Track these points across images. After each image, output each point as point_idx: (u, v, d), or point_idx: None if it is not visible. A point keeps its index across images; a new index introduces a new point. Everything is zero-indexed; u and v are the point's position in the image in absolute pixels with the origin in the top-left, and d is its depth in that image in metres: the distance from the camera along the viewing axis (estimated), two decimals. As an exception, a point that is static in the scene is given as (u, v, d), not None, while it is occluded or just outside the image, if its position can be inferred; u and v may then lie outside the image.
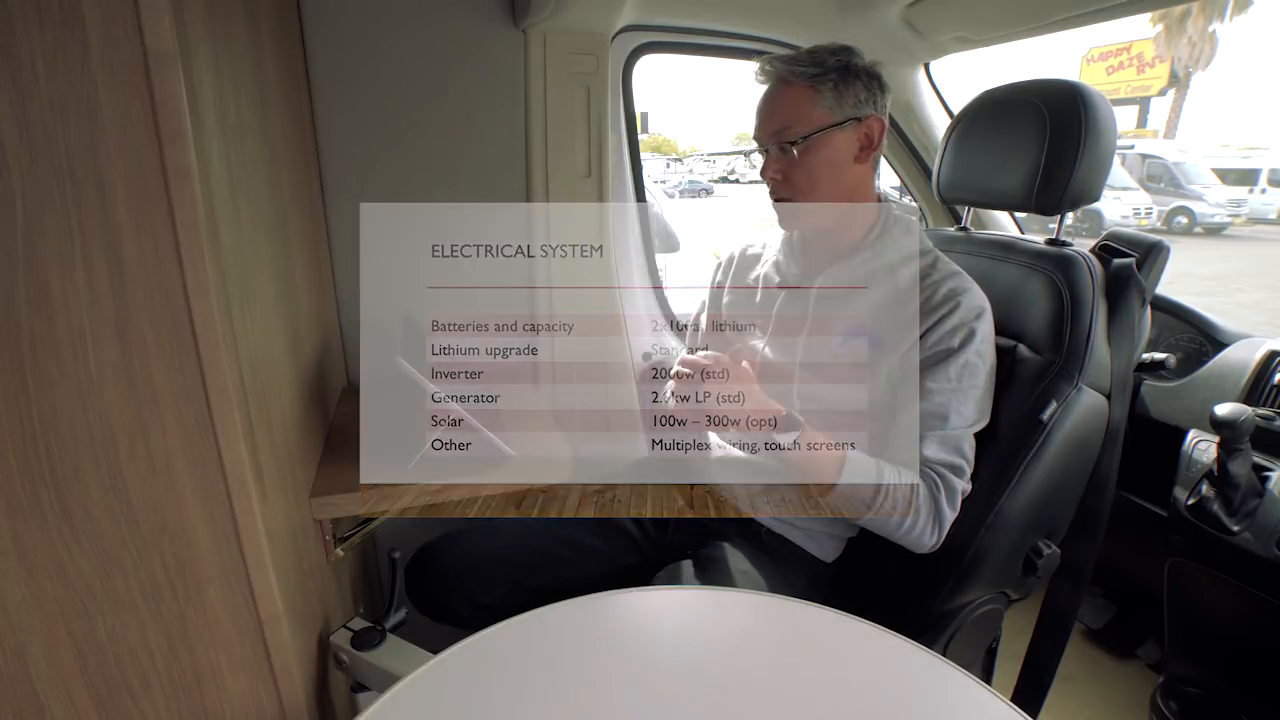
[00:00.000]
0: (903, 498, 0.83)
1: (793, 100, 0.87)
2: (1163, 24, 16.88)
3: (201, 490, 0.60)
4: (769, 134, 0.90)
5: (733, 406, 0.85)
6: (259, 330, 0.70)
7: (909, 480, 0.84)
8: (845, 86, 0.86)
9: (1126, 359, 0.92)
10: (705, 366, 0.86)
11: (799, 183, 0.89)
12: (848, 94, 0.87)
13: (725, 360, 0.86)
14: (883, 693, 0.59)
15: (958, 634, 0.91)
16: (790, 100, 0.87)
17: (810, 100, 0.86)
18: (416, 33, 1.15)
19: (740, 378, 0.86)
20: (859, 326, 0.91)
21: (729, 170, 29.25)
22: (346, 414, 1.10)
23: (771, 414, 0.84)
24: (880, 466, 0.84)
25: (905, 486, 0.83)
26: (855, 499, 0.84)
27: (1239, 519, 1.01)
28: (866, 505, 0.84)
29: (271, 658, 0.68)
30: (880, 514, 0.84)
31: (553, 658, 0.61)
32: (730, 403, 0.85)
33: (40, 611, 0.58)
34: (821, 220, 0.93)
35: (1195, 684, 1.18)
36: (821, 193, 0.89)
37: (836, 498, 0.85)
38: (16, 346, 0.52)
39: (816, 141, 0.87)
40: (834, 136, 0.87)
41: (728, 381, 0.85)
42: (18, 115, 0.49)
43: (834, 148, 0.88)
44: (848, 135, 0.88)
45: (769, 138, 0.90)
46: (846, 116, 0.87)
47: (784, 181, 0.90)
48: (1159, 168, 11.74)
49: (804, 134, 0.86)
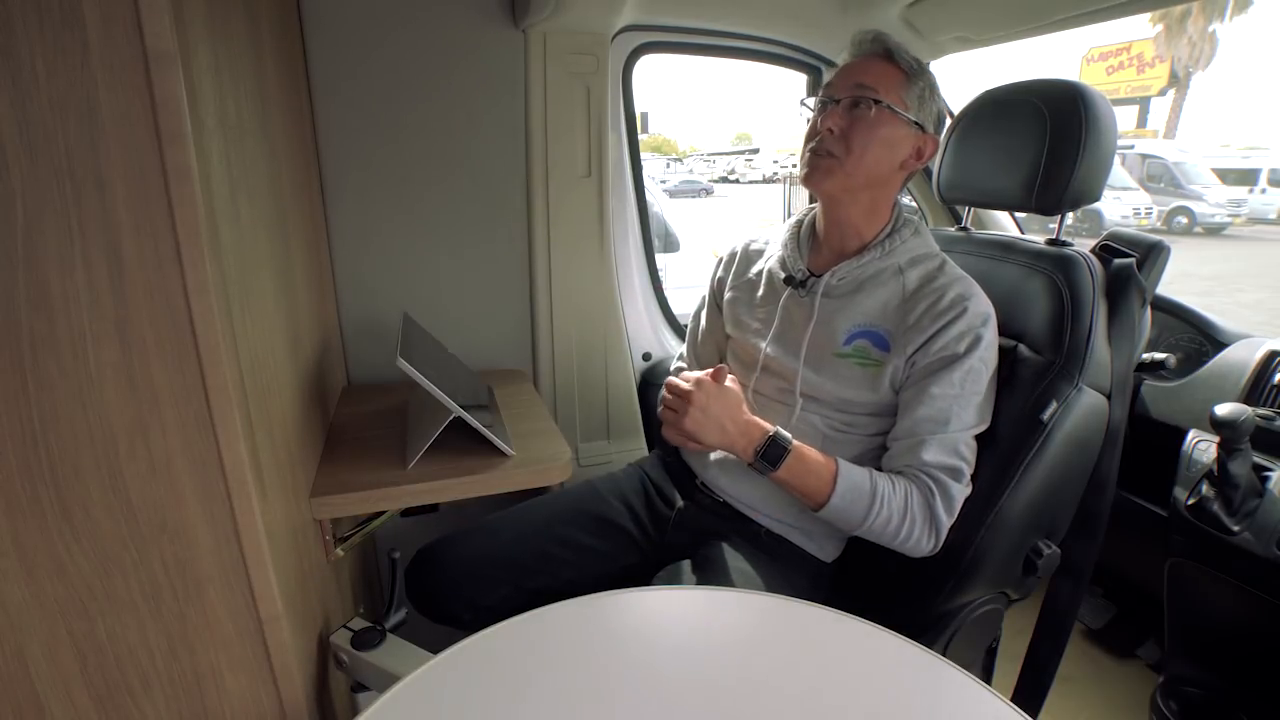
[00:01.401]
0: (898, 509, 0.83)
1: (891, 74, 0.87)
2: (1163, 24, 16.90)
3: (201, 490, 0.60)
4: (850, 86, 0.88)
5: (718, 430, 0.87)
6: (259, 330, 0.70)
7: (902, 490, 0.84)
8: (930, 100, 0.89)
9: (1126, 359, 0.92)
10: (686, 392, 0.88)
11: (855, 143, 0.86)
12: (929, 105, 0.89)
13: (709, 385, 0.89)
14: (883, 693, 0.59)
15: (958, 634, 0.91)
16: (889, 73, 0.87)
17: (903, 85, 0.87)
18: (416, 33, 1.15)
19: (724, 401, 0.88)
20: (864, 325, 0.91)
21: (729, 170, 29.27)
22: (346, 414, 1.10)
23: (759, 438, 0.86)
24: (874, 480, 0.84)
25: (899, 497, 0.84)
26: (850, 514, 0.85)
27: (1239, 519, 1.01)
28: (861, 519, 0.84)
29: (271, 658, 0.68)
30: (875, 527, 0.84)
31: (553, 658, 0.61)
32: (716, 426, 0.87)
33: (40, 611, 0.58)
34: (848, 196, 0.91)
35: (1195, 684, 1.18)
36: (866, 165, 0.87)
37: (831, 513, 0.86)
38: (16, 346, 0.52)
39: (890, 116, 0.87)
40: (902, 126, 0.88)
41: (711, 404, 0.87)
42: (18, 115, 0.49)
43: (898, 135, 0.88)
44: (910, 136, 0.89)
45: (849, 89, 0.88)
46: (920, 121, 0.88)
47: (839, 137, 0.88)
48: (1159, 168, 11.75)
49: (888, 102, 0.86)
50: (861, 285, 0.92)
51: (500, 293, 1.34)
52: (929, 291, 0.88)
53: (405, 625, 0.92)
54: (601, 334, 1.42)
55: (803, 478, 0.86)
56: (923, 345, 0.86)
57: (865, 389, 0.89)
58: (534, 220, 1.30)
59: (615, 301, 1.43)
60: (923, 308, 0.87)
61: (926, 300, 0.87)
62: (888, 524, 0.84)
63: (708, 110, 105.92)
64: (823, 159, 0.89)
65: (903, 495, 0.84)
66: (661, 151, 43.63)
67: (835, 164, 0.88)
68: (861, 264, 0.92)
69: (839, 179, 0.89)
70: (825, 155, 0.88)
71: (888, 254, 0.92)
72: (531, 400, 1.18)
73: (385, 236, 1.23)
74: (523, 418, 1.09)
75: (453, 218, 1.26)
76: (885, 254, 0.92)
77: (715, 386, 0.88)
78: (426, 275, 1.28)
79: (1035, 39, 1.33)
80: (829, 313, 0.93)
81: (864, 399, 0.90)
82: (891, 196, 0.94)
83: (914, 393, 0.86)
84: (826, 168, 0.89)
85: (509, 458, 0.93)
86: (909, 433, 0.86)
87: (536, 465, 0.93)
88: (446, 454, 0.92)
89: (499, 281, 1.33)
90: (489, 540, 0.99)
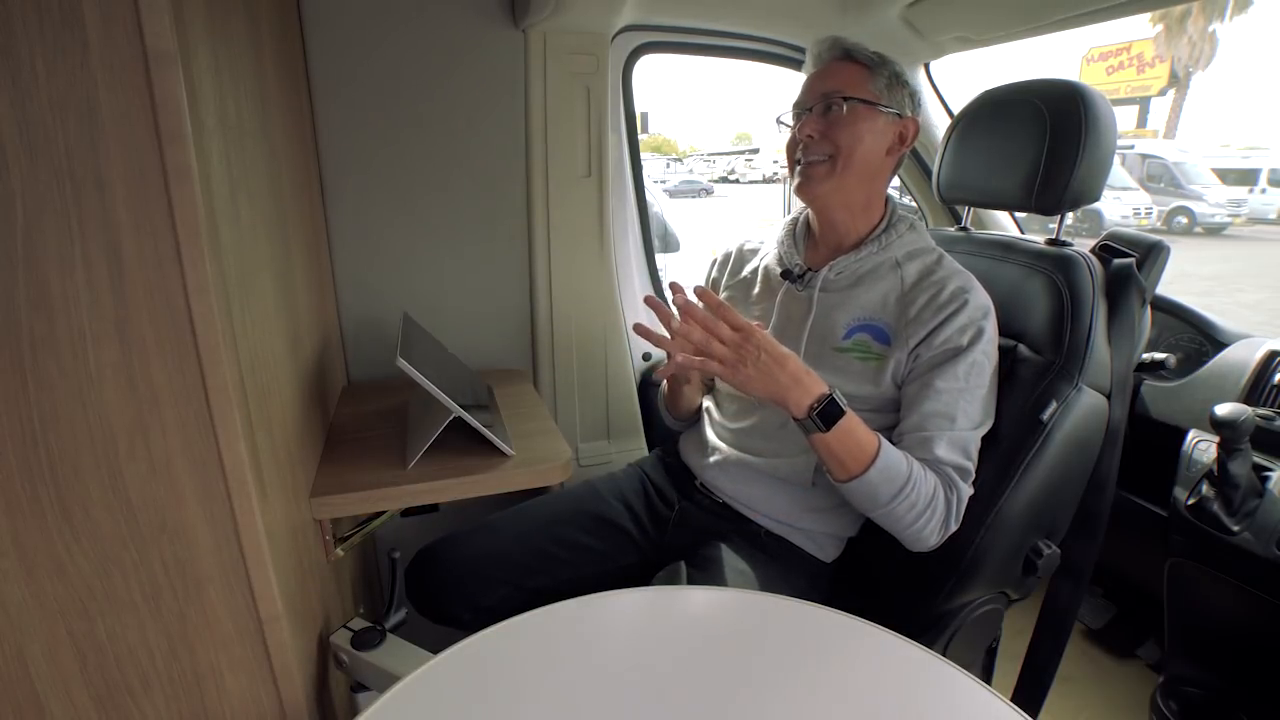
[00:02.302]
0: (925, 497, 0.81)
1: (852, 73, 0.90)
2: (1163, 24, 16.89)
3: (201, 490, 0.60)
4: (817, 95, 0.90)
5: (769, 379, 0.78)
6: (259, 330, 0.70)
7: (933, 481, 0.82)
8: (897, 85, 0.90)
9: (1126, 359, 0.92)
10: (750, 330, 0.78)
11: (840, 140, 0.88)
12: (897, 91, 0.90)
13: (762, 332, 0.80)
14: (883, 693, 0.59)
15: (958, 634, 0.91)
16: (850, 72, 0.90)
17: (867, 78, 0.89)
18: (416, 33, 1.15)
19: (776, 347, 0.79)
20: (864, 319, 0.91)
21: (729, 170, 29.28)
22: (346, 414, 1.10)
23: (816, 393, 0.79)
24: (910, 464, 0.81)
25: (929, 486, 0.81)
26: (879, 493, 0.81)
27: (1239, 519, 1.01)
28: (888, 500, 0.80)
29: (271, 658, 0.68)
30: (897, 511, 0.81)
31: (553, 658, 0.61)
32: (770, 374, 0.78)
33: (40, 611, 0.58)
34: (843, 194, 0.92)
35: (1195, 684, 1.18)
36: (854, 161, 0.89)
37: (860, 485, 0.81)
38: (16, 346, 0.52)
39: (865, 110, 0.88)
40: (879, 116, 0.89)
41: (769, 347, 0.78)
42: (18, 115, 0.49)
43: (877, 126, 0.89)
44: (889, 123, 0.90)
45: (816, 98, 0.90)
46: (892, 107, 0.89)
47: (822, 139, 0.89)
48: (1159, 168, 11.75)
49: (858, 97, 0.88)
50: (859, 279, 0.92)
51: (500, 293, 1.34)
52: (929, 285, 0.88)
53: (405, 625, 0.92)
54: (601, 334, 1.42)
55: (846, 446, 0.80)
56: (925, 339, 0.85)
57: (867, 383, 0.89)
58: (534, 220, 1.30)
59: (615, 301, 1.43)
60: (923, 301, 0.87)
61: (927, 293, 0.87)
62: (910, 510, 0.80)
63: (708, 110, 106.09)
64: (814, 166, 0.91)
65: (932, 484, 0.81)
66: (661, 151, 43.64)
67: (827, 167, 0.90)
68: (859, 258, 0.92)
69: (834, 180, 0.90)
70: (815, 162, 0.90)
71: (884, 248, 0.92)
72: (531, 400, 1.18)
73: (385, 236, 1.23)
74: (523, 418, 1.09)
75: (453, 218, 1.26)
76: (882, 248, 0.92)
77: (765, 334, 0.81)
78: (426, 275, 1.28)
79: (1035, 39, 1.33)
80: (827, 307, 0.93)
81: (866, 393, 0.89)
82: (883, 188, 0.95)
83: (918, 387, 0.86)
84: (821, 173, 0.90)
85: (509, 458, 0.93)
86: (917, 428, 0.85)
87: (536, 465, 0.93)
88: (446, 454, 0.92)
89: (499, 281, 1.33)
90: (489, 540, 0.99)
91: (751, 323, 0.80)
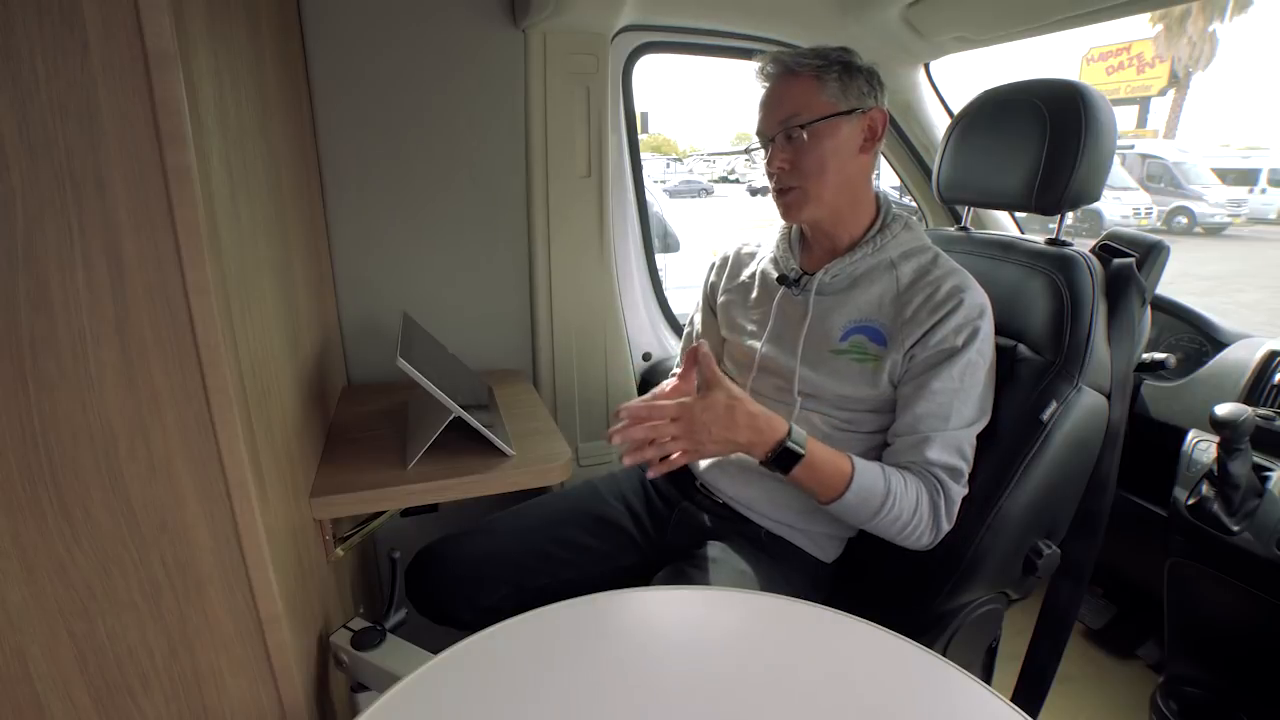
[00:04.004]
0: (908, 508, 0.83)
1: (800, 89, 0.87)
2: (1163, 24, 16.89)
3: (201, 490, 0.60)
4: (775, 123, 0.89)
5: (721, 441, 0.81)
6: (259, 330, 0.70)
7: (914, 489, 0.83)
8: (849, 78, 0.87)
9: (1126, 359, 0.92)
10: (676, 418, 0.81)
11: (808, 168, 0.88)
12: (851, 86, 0.87)
13: (692, 402, 0.82)
14: (883, 693, 0.59)
15: (958, 634, 0.91)
16: (798, 89, 0.87)
17: (816, 89, 0.87)
18: (416, 33, 1.15)
19: (713, 410, 0.81)
20: (860, 321, 0.91)
21: (729, 170, 29.27)
22: (346, 414, 1.10)
23: (771, 441, 0.82)
24: (888, 480, 0.83)
25: (911, 497, 0.83)
26: (858, 512, 0.84)
27: (1239, 519, 1.01)
28: (870, 517, 0.84)
29: (271, 658, 0.68)
30: (881, 524, 0.84)
31: (553, 658, 0.61)
32: (719, 438, 0.81)
33: (40, 611, 0.58)
34: (828, 210, 0.92)
35: (1195, 684, 1.18)
36: (829, 180, 0.88)
37: (839, 508, 0.85)
38: (16, 346, 0.52)
39: (825, 127, 0.87)
40: (841, 125, 0.87)
41: (701, 417, 0.81)
42: (18, 115, 0.49)
43: (841, 136, 0.88)
44: (854, 125, 0.88)
45: (775, 127, 0.89)
46: (852, 106, 0.87)
47: (792, 170, 0.89)
48: (1159, 168, 11.75)
49: (813, 119, 0.86)
50: (855, 281, 0.92)
51: (500, 293, 1.34)
52: (924, 284, 0.88)
53: (405, 625, 0.92)
54: (601, 334, 1.42)
55: (816, 478, 0.84)
56: (921, 339, 0.85)
57: (864, 385, 0.89)
58: (534, 220, 1.30)
59: (615, 301, 1.43)
60: (919, 301, 0.87)
61: (922, 293, 0.87)
62: (895, 522, 0.83)
63: (708, 110, 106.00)
64: (788, 194, 0.91)
65: (914, 495, 0.83)
66: (661, 151, 43.59)
67: (801, 194, 0.90)
68: (854, 260, 0.92)
69: (813, 204, 0.91)
70: (790, 189, 0.90)
71: (879, 249, 0.92)
72: (531, 400, 1.18)
73: (385, 236, 1.23)
74: (523, 418, 1.09)
75: (453, 217, 1.26)
76: (877, 249, 0.92)
77: (699, 400, 0.82)
78: (426, 275, 1.28)
79: (1035, 39, 1.33)
80: (824, 310, 0.93)
81: (863, 395, 0.89)
82: (868, 185, 0.94)
83: (913, 388, 0.86)
84: (797, 201, 0.91)
85: (509, 458, 0.93)
86: (911, 429, 0.85)
87: (536, 465, 0.93)
88: (446, 454, 0.92)
89: (499, 281, 1.33)
90: (489, 540, 0.99)
91: (681, 399, 0.82)
